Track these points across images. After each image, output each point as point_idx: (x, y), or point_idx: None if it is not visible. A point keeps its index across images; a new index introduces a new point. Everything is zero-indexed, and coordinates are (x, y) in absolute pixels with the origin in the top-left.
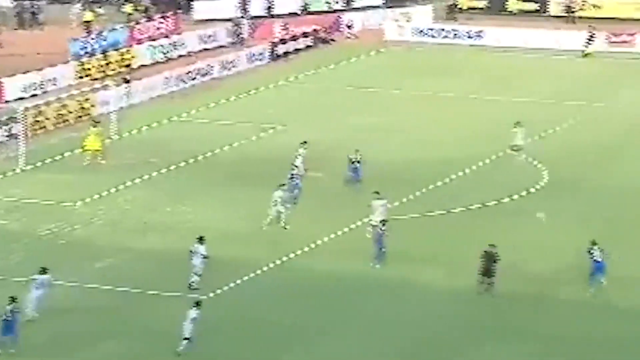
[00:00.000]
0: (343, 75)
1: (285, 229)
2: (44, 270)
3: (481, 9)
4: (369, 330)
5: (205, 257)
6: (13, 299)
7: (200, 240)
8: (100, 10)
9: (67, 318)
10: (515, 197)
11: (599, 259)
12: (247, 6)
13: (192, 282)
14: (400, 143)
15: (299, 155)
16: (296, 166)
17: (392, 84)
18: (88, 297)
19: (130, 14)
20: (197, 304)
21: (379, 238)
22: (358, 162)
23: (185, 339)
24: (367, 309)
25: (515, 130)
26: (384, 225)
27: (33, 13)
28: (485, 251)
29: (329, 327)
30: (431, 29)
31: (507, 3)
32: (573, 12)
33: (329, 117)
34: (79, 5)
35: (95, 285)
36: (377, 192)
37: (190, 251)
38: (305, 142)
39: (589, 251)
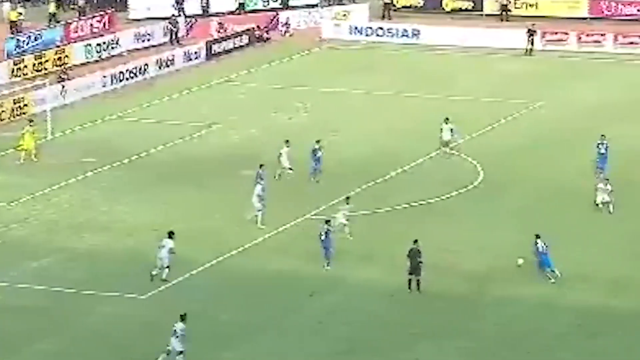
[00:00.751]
0: (278, 74)
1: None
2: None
3: (417, 7)
4: (305, 328)
5: (172, 252)
6: None
7: (170, 235)
8: (20, 10)
9: (4, 318)
10: (453, 194)
11: (545, 251)
12: (183, 5)
13: (155, 274)
14: (333, 142)
15: (283, 153)
16: (285, 166)
17: (326, 82)
18: (22, 297)
19: (54, 14)
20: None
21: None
22: (319, 150)
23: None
24: (304, 307)
25: (443, 126)
26: (328, 224)
27: None
28: (410, 249)
29: (267, 324)
30: (367, 28)
31: (442, 1)
32: (508, 10)
33: (262, 116)
34: (7, 4)
35: (29, 285)
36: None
37: (159, 246)
38: (287, 140)
39: (535, 244)
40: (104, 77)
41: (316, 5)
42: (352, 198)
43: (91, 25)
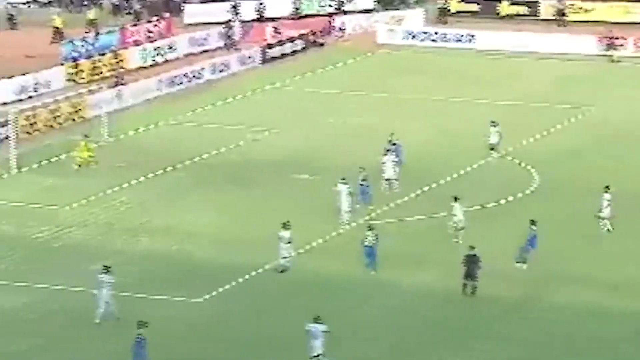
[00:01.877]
0: (333, 79)
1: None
2: (106, 269)
3: (472, 12)
4: (356, 333)
5: (289, 242)
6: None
7: (285, 225)
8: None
9: (59, 320)
10: (510, 198)
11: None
12: (238, 9)
13: (282, 265)
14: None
15: (386, 161)
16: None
17: (381, 87)
18: (77, 300)
19: (93, 20)
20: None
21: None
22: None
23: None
24: (356, 312)
25: (490, 129)
26: (372, 231)
27: (11, 15)
28: (466, 255)
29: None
30: (422, 32)
31: (498, 7)
32: (564, 15)
33: (318, 120)
34: (55, 10)
35: (85, 288)
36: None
37: (279, 237)
38: (391, 146)
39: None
40: (160, 81)
41: (371, 10)
42: (406, 204)
43: (147, 29)
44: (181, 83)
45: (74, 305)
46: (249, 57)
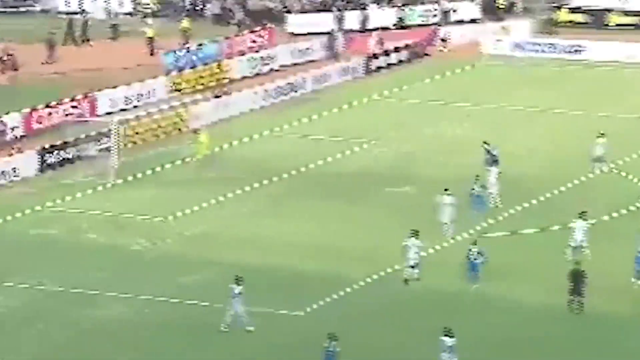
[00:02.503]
0: (437, 90)
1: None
2: (238, 281)
3: (580, 23)
4: (459, 350)
5: (419, 250)
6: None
7: (415, 233)
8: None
9: (158, 334)
10: (623, 212)
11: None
12: (342, 19)
13: (410, 274)
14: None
15: (492, 177)
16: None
17: (486, 98)
18: (173, 312)
19: (186, 30)
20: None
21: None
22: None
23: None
24: (459, 328)
25: (597, 141)
26: (475, 246)
27: (114, 25)
28: (572, 270)
29: (420, 344)
30: (529, 43)
31: (607, 17)
32: None
33: (421, 132)
34: (149, 20)
35: (181, 300)
36: None
37: (405, 245)
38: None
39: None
40: (263, 92)
41: (477, 20)
42: (510, 217)
43: (250, 39)
44: (284, 94)
45: (167, 317)
46: (352, 68)
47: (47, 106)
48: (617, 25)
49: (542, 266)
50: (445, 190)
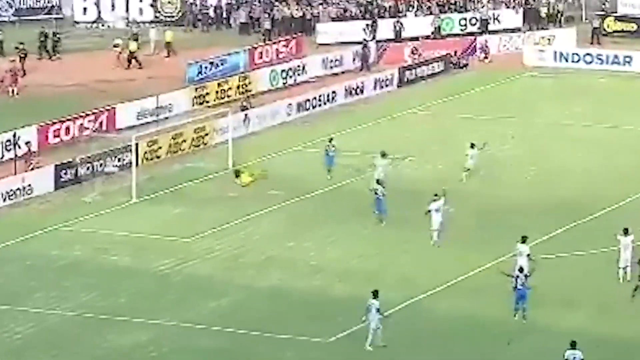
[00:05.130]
0: (477, 103)
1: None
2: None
3: (629, 32)
4: None
5: (530, 258)
6: None
7: (524, 240)
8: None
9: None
10: None
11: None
12: (375, 29)
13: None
14: (536, 176)
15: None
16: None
17: (531, 112)
18: (198, 338)
19: (169, 43)
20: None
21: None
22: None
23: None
24: (500, 355)
25: None
26: (522, 272)
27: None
28: None
29: None
30: (574, 54)
31: None
32: None
33: (459, 147)
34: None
35: (207, 325)
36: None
37: (518, 253)
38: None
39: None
40: (290, 105)
41: (518, 30)
42: (556, 237)
43: (277, 50)
44: (313, 107)
45: (198, 343)
46: (386, 80)
47: (64, 120)
48: None
49: (591, 290)
50: (435, 195)
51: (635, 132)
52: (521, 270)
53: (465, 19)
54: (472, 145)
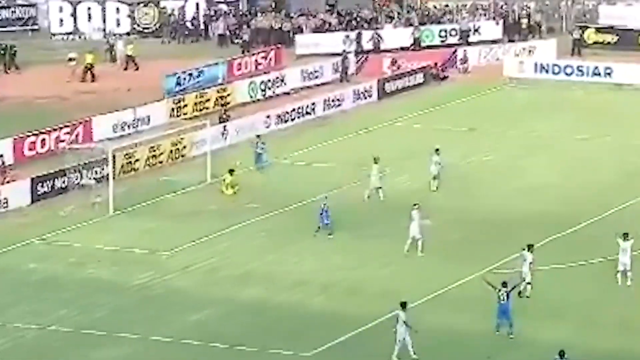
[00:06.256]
0: (455, 115)
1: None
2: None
3: (609, 43)
4: None
5: (531, 265)
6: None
7: (529, 248)
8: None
9: None
10: None
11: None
12: (359, 40)
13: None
14: (517, 188)
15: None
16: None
17: (509, 124)
18: (179, 352)
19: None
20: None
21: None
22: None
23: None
24: None
25: None
26: (505, 287)
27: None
28: None
29: None
30: (554, 65)
31: (638, 38)
32: None
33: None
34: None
35: (188, 340)
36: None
37: (523, 256)
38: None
39: None
40: (268, 117)
41: (498, 41)
42: (537, 250)
43: (256, 61)
44: (292, 119)
45: (178, 357)
46: (365, 92)
47: (39, 132)
48: None
49: (575, 302)
50: (414, 205)
51: (616, 143)
52: (504, 284)
53: (445, 31)
54: (437, 151)
